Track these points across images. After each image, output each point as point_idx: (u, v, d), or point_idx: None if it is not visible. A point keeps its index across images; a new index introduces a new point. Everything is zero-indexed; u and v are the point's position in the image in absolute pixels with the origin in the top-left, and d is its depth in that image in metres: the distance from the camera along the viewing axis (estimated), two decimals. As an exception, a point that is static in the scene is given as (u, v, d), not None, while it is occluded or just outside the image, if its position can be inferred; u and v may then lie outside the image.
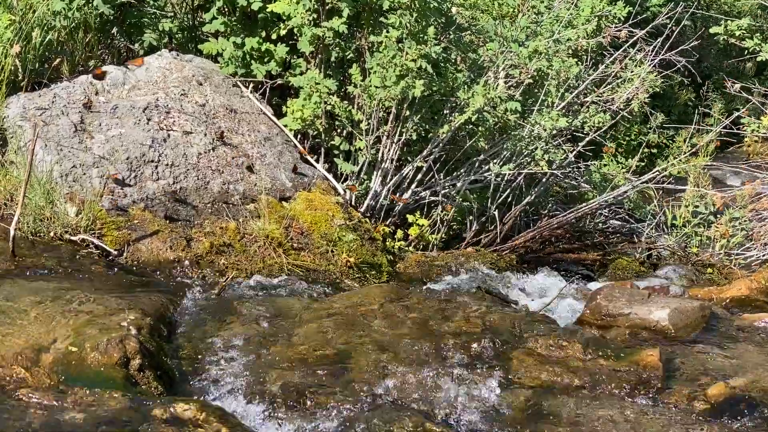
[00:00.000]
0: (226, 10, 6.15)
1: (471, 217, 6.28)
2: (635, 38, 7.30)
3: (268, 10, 5.95)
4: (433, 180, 6.11)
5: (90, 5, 5.92)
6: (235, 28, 6.09)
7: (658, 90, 7.73)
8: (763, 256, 6.45)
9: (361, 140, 5.85)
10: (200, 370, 3.85)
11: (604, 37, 7.18)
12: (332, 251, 5.35)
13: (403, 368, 3.89)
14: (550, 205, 6.80)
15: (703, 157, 8.23)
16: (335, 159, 6.04)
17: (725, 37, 8.53)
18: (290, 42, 6.06)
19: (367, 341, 4.09)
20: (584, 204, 6.57)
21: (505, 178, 6.16)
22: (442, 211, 6.08)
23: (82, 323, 3.76)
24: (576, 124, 6.53)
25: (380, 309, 4.39)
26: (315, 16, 5.87)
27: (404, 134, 5.89)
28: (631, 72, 7.04)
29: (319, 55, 6.02)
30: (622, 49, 7.13)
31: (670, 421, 3.70)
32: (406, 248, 5.93)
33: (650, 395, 3.90)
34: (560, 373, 3.97)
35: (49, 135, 5.26)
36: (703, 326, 4.71)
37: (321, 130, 5.96)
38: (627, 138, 9.64)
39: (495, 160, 6.11)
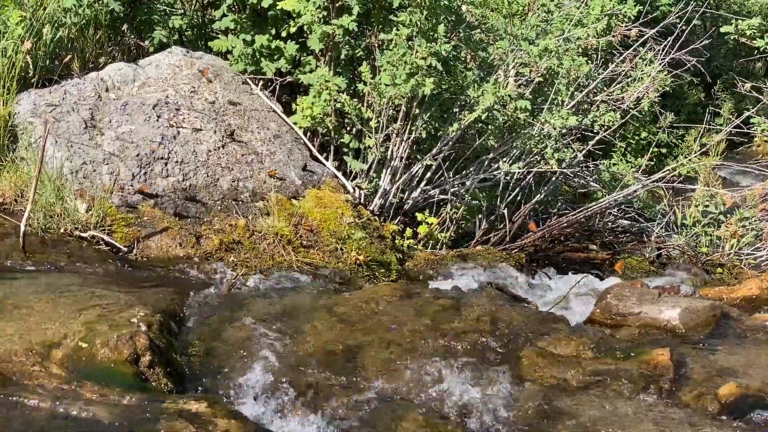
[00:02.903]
0: (237, 7, 6.16)
1: (480, 216, 6.26)
2: (645, 37, 7.28)
3: (278, 7, 5.95)
4: (442, 178, 6.10)
5: (100, 2, 5.93)
6: (245, 26, 6.10)
7: (667, 89, 7.70)
8: (773, 256, 6.43)
9: (371, 138, 5.85)
10: (210, 366, 3.85)
11: (614, 36, 7.17)
12: (341, 249, 5.35)
13: (413, 366, 3.89)
14: (559, 204, 6.79)
15: (713, 156, 8.21)
16: (345, 157, 6.04)
17: (736, 36, 8.52)
18: (300, 39, 6.06)
19: (376, 339, 4.08)
20: (594, 203, 6.55)
21: (515, 177, 6.15)
22: (451, 210, 6.07)
23: (92, 319, 3.77)
24: (586, 123, 6.52)
25: (389, 307, 4.38)
26: (325, 13, 5.86)
27: (414, 132, 5.88)
28: (641, 71, 7.02)
29: (329, 53, 6.02)
30: (632, 48, 7.11)
31: (680, 421, 3.69)
32: (415, 246, 5.92)
33: (660, 395, 3.89)
34: (570, 372, 3.96)
35: (59, 131, 5.27)
36: (714, 326, 4.69)
37: (330, 127, 5.95)
38: (636, 137, 9.62)
39: (504, 159, 6.10)
